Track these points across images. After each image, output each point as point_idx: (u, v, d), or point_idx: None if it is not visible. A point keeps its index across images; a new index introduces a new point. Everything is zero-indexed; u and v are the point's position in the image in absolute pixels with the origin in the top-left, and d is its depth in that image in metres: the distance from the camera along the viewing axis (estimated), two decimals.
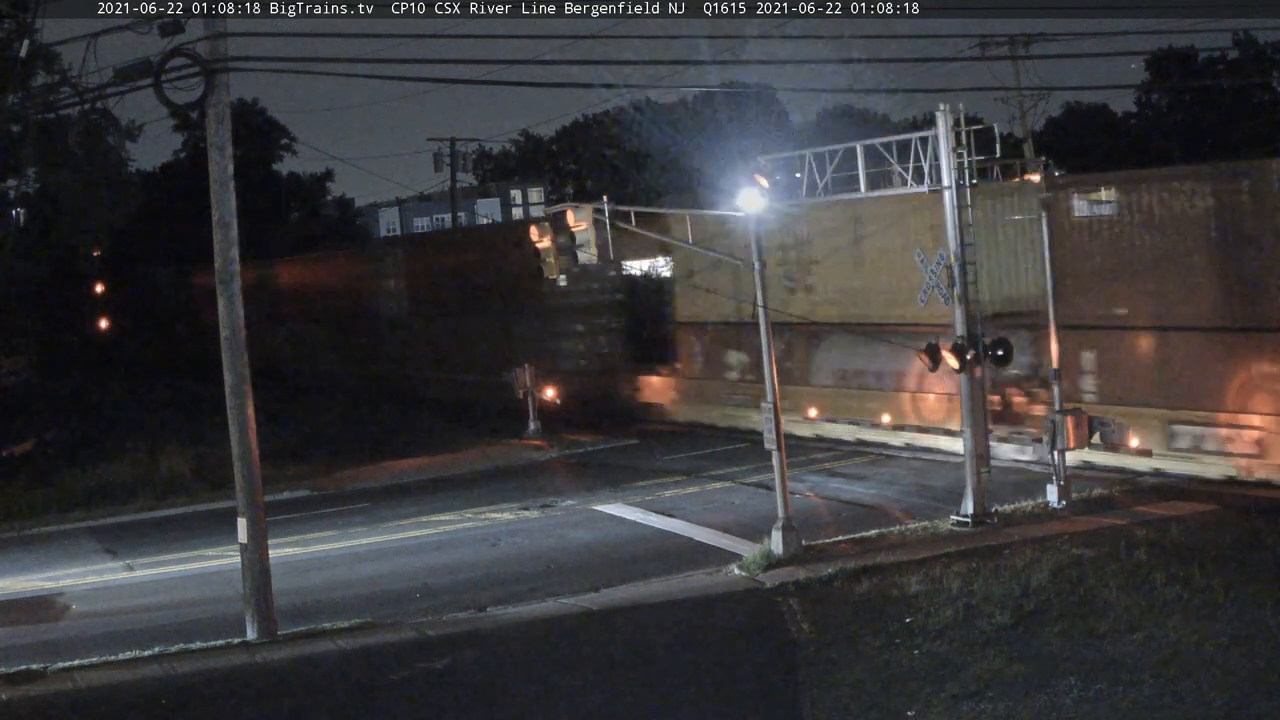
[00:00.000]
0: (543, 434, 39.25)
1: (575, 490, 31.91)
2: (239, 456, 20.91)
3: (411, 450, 38.74)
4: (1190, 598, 18.87)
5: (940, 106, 25.14)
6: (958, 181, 24.69)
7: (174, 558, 27.60)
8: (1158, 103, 77.91)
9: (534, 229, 27.99)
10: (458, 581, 24.04)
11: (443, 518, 29.79)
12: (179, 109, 21.32)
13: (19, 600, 24.81)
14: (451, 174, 69.55)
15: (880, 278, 33.30)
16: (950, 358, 24.54)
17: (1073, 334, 27.66)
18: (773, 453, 23.83)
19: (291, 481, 34.68)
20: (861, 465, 32.07)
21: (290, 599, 22.19)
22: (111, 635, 21.54)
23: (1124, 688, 15.96)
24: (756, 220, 24.21)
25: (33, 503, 33.14)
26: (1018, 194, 29.68)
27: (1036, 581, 20.14)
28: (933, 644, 18.16)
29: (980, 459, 24.92)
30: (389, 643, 20.05)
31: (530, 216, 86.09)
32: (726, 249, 28.48)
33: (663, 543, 25.90)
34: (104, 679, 19.08)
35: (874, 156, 26.84)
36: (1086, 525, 23.72)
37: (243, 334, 20.90)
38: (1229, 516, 23.50)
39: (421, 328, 53.78)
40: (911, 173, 25.52)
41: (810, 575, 21.94)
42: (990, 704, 15.89)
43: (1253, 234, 25.89)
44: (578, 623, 20.77)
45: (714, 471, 32.46)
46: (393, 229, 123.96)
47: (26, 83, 32.19)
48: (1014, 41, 48.82)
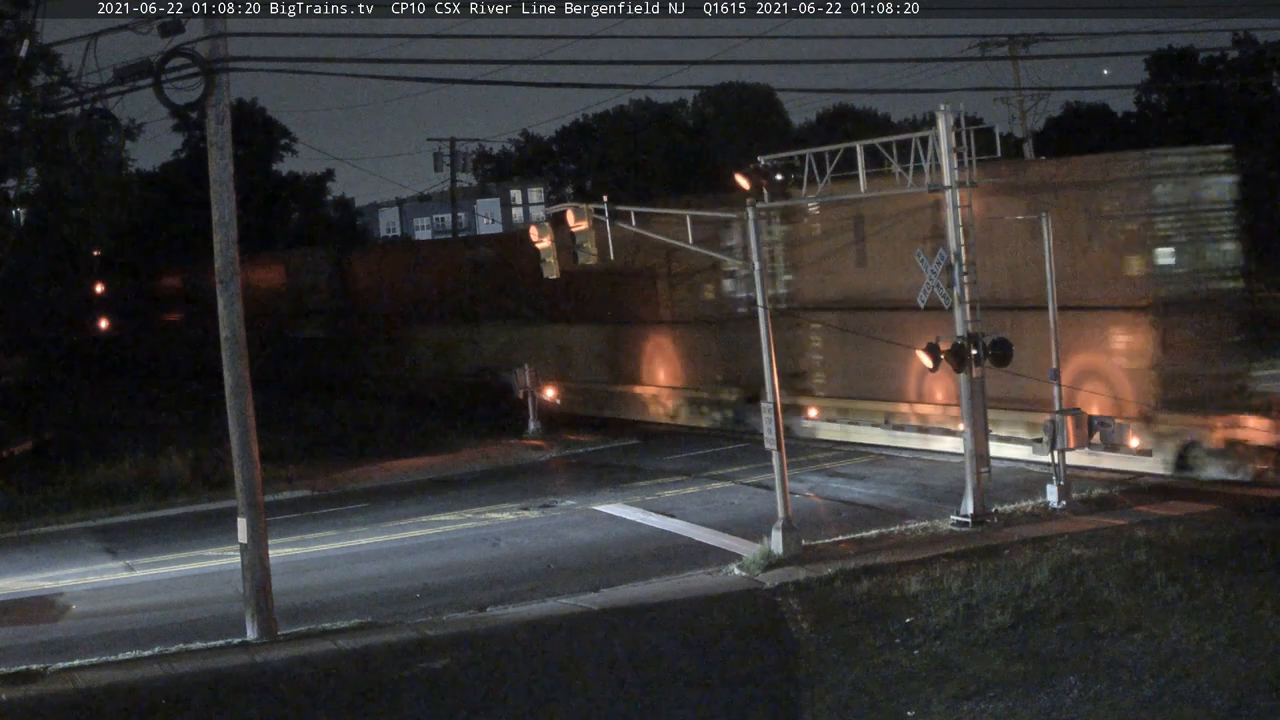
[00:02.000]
0: (543, 434, 39.25)
1: (575, 490, 31.91)
2: (239, 456, 20.92)
3: (411, 450, 38.76)
4: (1190, 598, 18.87)
5: (940, 106, 25.17)
6: (958, 181, 24.72)
7: (174, 558, 27.59)
8: (1158, 103, 77.89)
9: (534, 229, 28.04)
10: (458, 581, 24.04)
11: (443, 518, 29.79)
12: (179, 109, 21.30)
13: (19, 600, 24.80)
14: (451, 174, 69.57)
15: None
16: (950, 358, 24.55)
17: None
18: (772, 453, 23.83)
19: (291, 481, 34.69)
20: (861, 465, 32.07)
21: (290, 599, 22.19)
22: (111, 635, 21.54)
23: (1124, 688, 15.96)
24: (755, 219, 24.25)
25: (33, 503, 33.13)
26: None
27: (1036, 581, 20.13)
28: (933, 644, 18.15)
29: (980, 459, 24.92)
30: (389, 643, 20.05)
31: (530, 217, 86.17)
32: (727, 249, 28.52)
33: (663, 543, 25.90)
34: (104, 679, 19.08)
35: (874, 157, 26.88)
36: (1086, 525, 23.72)
37: (243, 334, 20.90)
38: (1229, 516, 23.50)
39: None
40: (911, 173, 25.53)
41: (810, 575, 21.93)
42: (990, 704, 15.88)
43: None
44: (578, 623, 20.76)
45: (714, 471, 32.46)
46: (393, 229, 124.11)
47: (26, 83, 32.16)
48: (1014, 41, 48.88)
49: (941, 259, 24.79)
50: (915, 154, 25.35)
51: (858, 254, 34.09)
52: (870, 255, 33.73)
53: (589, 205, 26.53)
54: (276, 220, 79.70)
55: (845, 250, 34.26)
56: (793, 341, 34.55)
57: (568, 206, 27.20)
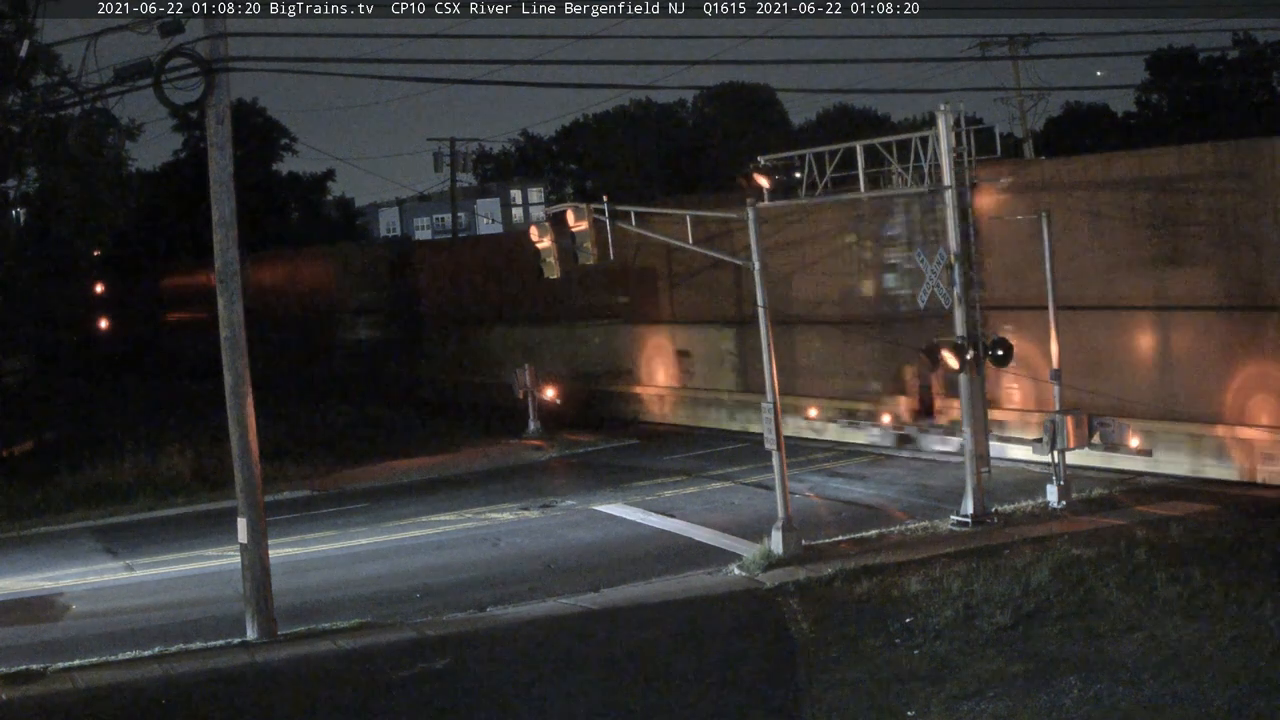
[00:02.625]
0: (543, 434, 39.26)
1: (575, 490, 31.91)
2: (239, 456, 20.92)
3: (412, 450, 38.77)
4: (1190, 598, 18.87)
5: (940, 106, 25.17)
6: (957, 181, 24.71)
7: (174, 558, 27.60)
8: (1158, 103, 77.92)
9: (534, 229, 28.02)
10: (458, 581, 24.04)
11: (443, 518, 29.79)
12: (179, 109, 21.32)
13: (19, 600, 24.81)
14: (451, 174, 69.53)
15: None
16: (950, 357, 24.54)
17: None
18: (773, 453, 23.83)
19: (291, 481, 34.69)
20: (861, 465, 32.08)
21: (290, 599, 22.20)
22: (111, 635, 21.54)
23: (1124, 688, 15.95)
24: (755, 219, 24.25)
25: (33, 503, 33.14)
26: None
27: (1036, 581, 20.14)
28: (933, 644, 18.15)
29: (980, 459, 24.92)
30: (389, 643, 20.05)
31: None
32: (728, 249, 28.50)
33: (663, 543, 25.90)
34: (104, 679, 19.08)
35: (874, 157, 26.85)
36: (1086, 525, 23.73)
37: (243, 334, 20.91)
38: (1229, 516, 23.51)
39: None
40: (911, 172, 25.53)
41: (810, 575, 21.94)
42: (990, 704, 15.88)
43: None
44: (578, 623, 20.77)
45: (714, 471, 32.48)
46: (393, 229, 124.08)
47: (26, 83, 32.18)
48: (1014, 41, 48.84)
49: (941, 259, 24.79)
50: (915, 154, 25.35)
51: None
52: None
53: (589, 205, 26.54)
54: (276, 220, 79.65)
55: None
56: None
57: (568, 206, 27.21)
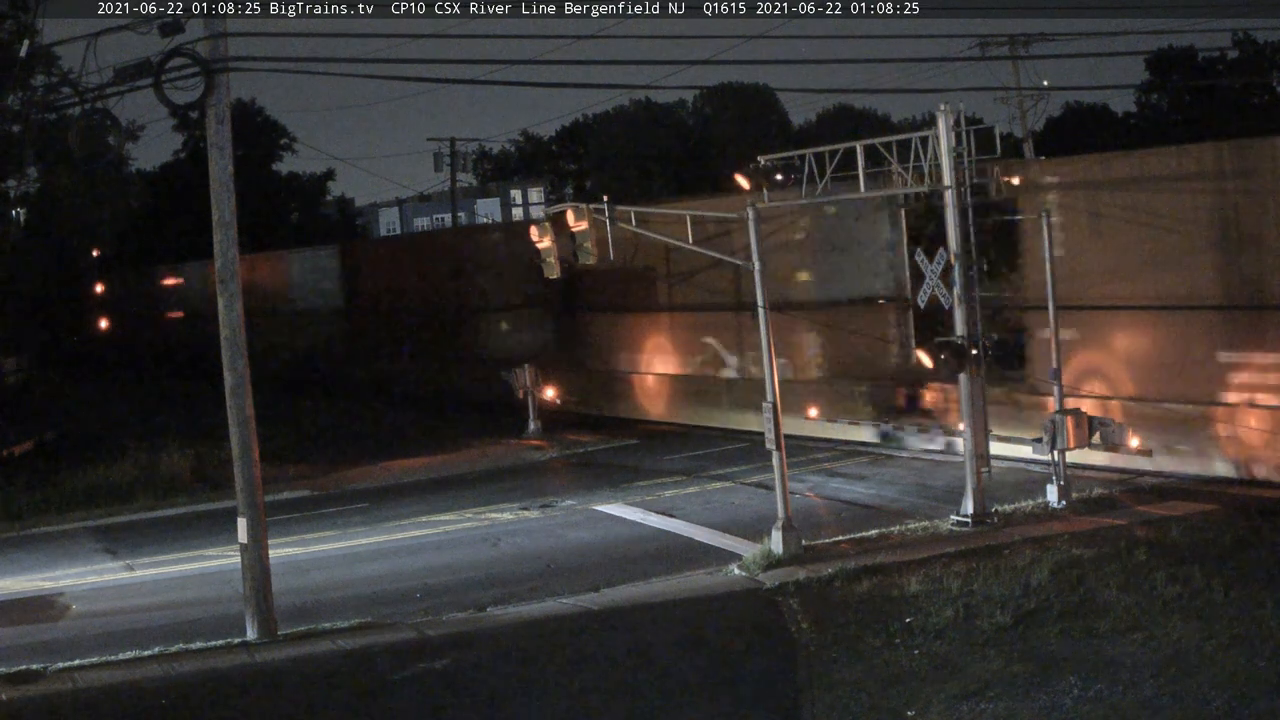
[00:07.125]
0: (543, 434, 39.25)
1: (575, 490, 31.90)
2: (239, 456, 20.90)
3: (412, 450, 38.77)
4: (1190, 598, 18.88)
5: (940, 106, 25.16)
6: (957, 181, 24.70)
7: (174, 558, 27.58)
8: (1158, 103, 77.95)
9: (534, 229, 28.02)
10: (458, 581, 24.03)
11: (443, 518, 29.78)
12: (179, 109, 21.31)
13: (19, 600, 24.79)
14: (451, 174, 69.62)
15: None
16: (950, 357, 24.55)
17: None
18: (773, 453, 23.83)
19: (291, 481, 34.68)
20: (861, 465, 32.08)
21: (290, 599, 22.19)
22: (111, 635, 21.52)
23: (1124, 688, 15.96)
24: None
25: (33, 503, 33.09)
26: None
27: (1036, 581, 20.15)
28: (933, 644, 18.16)
29: (980, 459, 24.92)
30: (389, 643, 20.04)
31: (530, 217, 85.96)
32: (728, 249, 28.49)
33: (663, 543, 25.90)
34: (104, 679, 19.07)
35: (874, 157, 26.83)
36: (1086, 525, 23.72)
37: (243, 334, 20.90)
38: (1229, 516, 23.49)
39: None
40: (911, 172, 25.51)
41: (810, 575, 21.94)
42: (990, 704, 15.89)
43: None
44: (578, 623, 20.76)
45: (714, 471, 32.46)
46: (393, 229, 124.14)
47: (26, 83, 32.16)
48: (1014, 41, 48.88)
49: (941, 259, 24.77)
50: (915, 154, 25.33)
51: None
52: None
53: (589, 205, 26.53)
54: (276, 220, 79.72)
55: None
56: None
57: (568, 206, 27.21)
